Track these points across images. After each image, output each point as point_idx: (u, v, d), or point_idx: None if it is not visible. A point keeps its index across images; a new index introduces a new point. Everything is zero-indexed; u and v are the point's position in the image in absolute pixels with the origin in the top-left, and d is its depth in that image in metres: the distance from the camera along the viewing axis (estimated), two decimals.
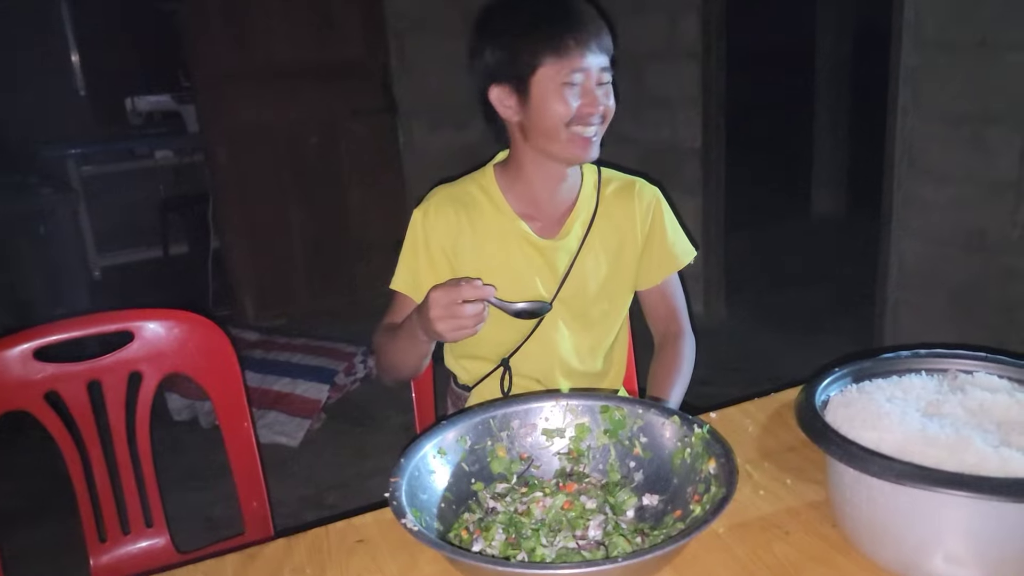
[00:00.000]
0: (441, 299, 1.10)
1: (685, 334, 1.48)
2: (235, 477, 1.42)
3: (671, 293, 1.50)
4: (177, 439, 2.99)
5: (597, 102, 1.29)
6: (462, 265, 1.38)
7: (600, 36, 1.28)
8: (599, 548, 0.83)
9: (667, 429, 0.98)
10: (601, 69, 1.29)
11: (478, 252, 1.38)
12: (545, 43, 1.26)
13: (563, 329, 1.42)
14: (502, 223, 1.39)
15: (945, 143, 2.56)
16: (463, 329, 1.11)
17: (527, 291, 1.38)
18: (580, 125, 1.29)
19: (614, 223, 1.43)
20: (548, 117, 1.29)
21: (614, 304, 1.46)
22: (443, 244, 1.37)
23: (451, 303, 1.09)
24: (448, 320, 1.10)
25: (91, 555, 1.38)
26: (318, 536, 0.95)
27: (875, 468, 0.76)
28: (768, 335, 3.74)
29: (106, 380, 1.35)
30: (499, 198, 1.40)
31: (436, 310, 1.10)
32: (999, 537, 0.73)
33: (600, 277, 1.42)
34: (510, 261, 1.38)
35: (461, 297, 1.08)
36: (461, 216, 1.38)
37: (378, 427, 3.04)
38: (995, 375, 0.94)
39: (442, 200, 1.39)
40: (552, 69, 1.27)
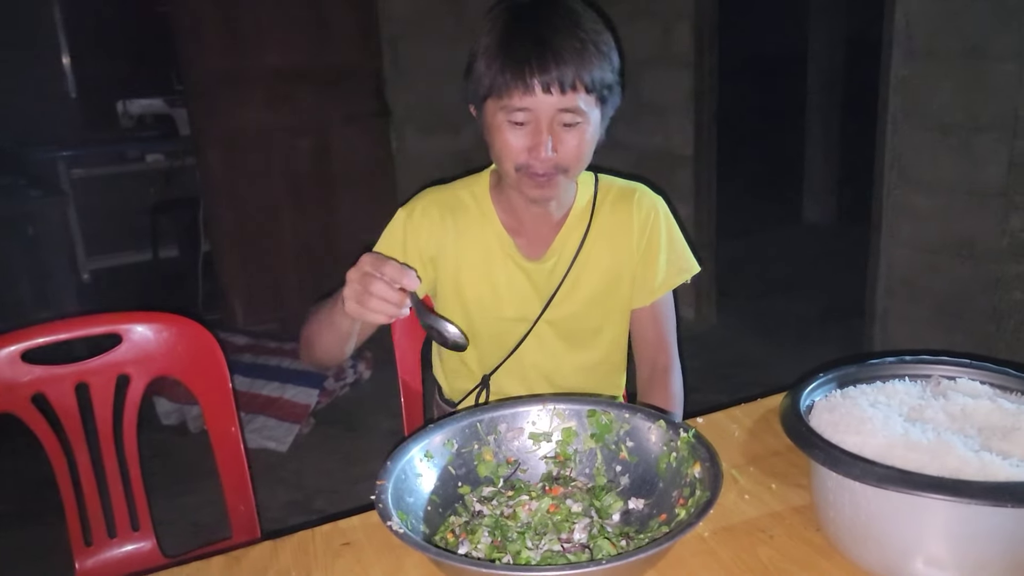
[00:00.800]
0: (364, 263, 1.01)
1: (674, 370, 1.37)
2: (222, 481, 1.42)
3: (662, 316, 1.39)
4: (164, 443, 2.98)
5: (542, 148, 1.16)
6: (441, 274, 1.33)
7: (565, 74, 1.13)
8: (584, 551, 0.84)
9: (653, 433, 0.98)
10: (561, 110, 1.15)
11: (460, 263, 1.32)
12: (494, 74, 1.16)
13: (550, 349, 1.37)
14: (488, 237, 1.33)
15: (934, 152, 2.58)
16: (368, 304, 1.00)
17: (508, 309, 1.34)
18: (527, 172, 1.20)
19: (609, 238, 1.34)
20: (495, 150, 1.22)
21: (609, 321, 1.38)
22: (422, 249, 1.32)
23: (370, 273, 0.99)
24: (358, 289, 1.00)
25: (76, 558, 1.37)
26: (304, 539, 0.95)
27: (857, 472, 0.76)
28: (757, 342, 3.76)
29: (94, 382, 1.35)
30: (489, 209, 1.33)
31: (353, 272, 1.01)
32: (979, 540, 0.73)
33: (592, 296, 1.35)
34: (492, 277, 1.33)
35: (382, 271, 0.99)
36: (447, 222, 1.32)
37: (367, 432, 3.03)
38: (977, 381, 0.95)
39: (429, 204, 1.33)
40: (494, 103, 1.18)
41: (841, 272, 3.98)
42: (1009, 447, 0.81)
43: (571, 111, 1.16)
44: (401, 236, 1.32)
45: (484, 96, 1.20)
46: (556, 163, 1.19)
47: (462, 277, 1.33)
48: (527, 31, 1.15)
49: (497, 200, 1.34)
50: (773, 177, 6.09)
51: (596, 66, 1.16)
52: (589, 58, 1.15)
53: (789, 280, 4.53)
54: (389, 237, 1.33)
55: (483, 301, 1.34)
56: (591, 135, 1.21)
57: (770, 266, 4.79)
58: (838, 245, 4.80)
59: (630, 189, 1.38)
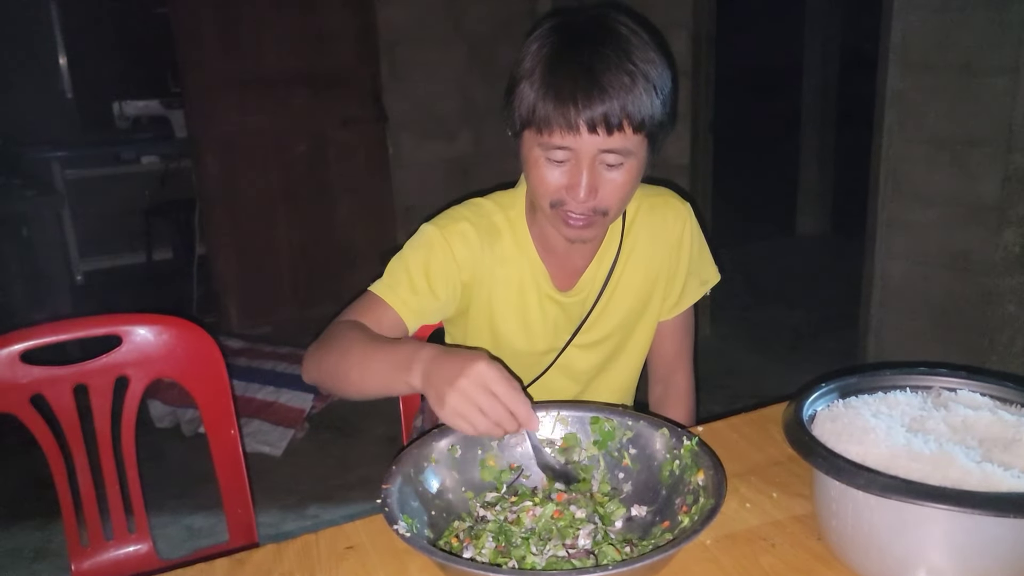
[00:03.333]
0: (485, 376, 0.88)
1: (689, 393, 1.34)
2: (220, 484, 1.41)
3: (682, 331, 1.36)
4: (158, 446, 2.97)
5: (579, 189, 1.07)
6: (474, 302, 1.25)
7: (612, 112, 1.03)
8: (588, 557, 0.84)
9: (656, 441, 0.99)
10: (605, 151, 1.06)
11: (493, 294, 1.25)
12: (534, 104, 1.06)
13: (578, 374, 1.33)
14: (523, 268, 1.24)
15: (929, 165, 2.60)
16: (468, 419, 0.89)
17: (540, 343, 1.29)
18: (562, 209, 1.11)
19: (642, 253, 1.29)
20: (531, 185, 1.15)
21: (638, 340, 1.33)
22: (460, 270, 1.22)
23: (489, 390, 0.88)
24: (466, 402, 0.89)
25: (72, 561, 1.36)
26: (308, 542, 0.95)
27: (861, 481, 0.77)
28: (752, 353, 3.77)
29: (93, 384, 1.34)
30: (525, 238, 1.24)
31: (466, 381, 0.88)
32: (981, 551, 0.74)
33: (623, 317, 1.30)
34: (526, 312, 1.26)
35: (507, 403, 0.89)
36: (485, 251, 1.22)
37: (362, 438, 3.03)
38: (978, 392, 0.96)
39: (468, 228, 1.22)
40: (532, 136, 1.09)
41: (835, 284, 4.00)
42: (1010, 459, 0.82)
43: (615, 152, 1.07)
44: (448, 249, 1.20)
45: (523, 126, 1.11)
46: (595, 206, 1.10)
47: (495, 309, 1.26)
48: (575, 61, 1.05)
49: (532, 228, 1.25)
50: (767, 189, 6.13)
51: (646, 103, 1.05)
52: (639, 94, 1.04)
53: (783, 292, 4.55)
54: (423, 254, 1.21)
55: (515, 335, 1.28)
56: (636, 175, 1.12)
57: (764, 277, 4.81)
58: (832, 257, 4.83)
59: (661, 199, 1.32)
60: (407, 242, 1.25)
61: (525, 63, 1.09)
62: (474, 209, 1.25)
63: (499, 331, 1.28)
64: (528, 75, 1.08)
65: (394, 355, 1.00)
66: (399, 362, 0.98)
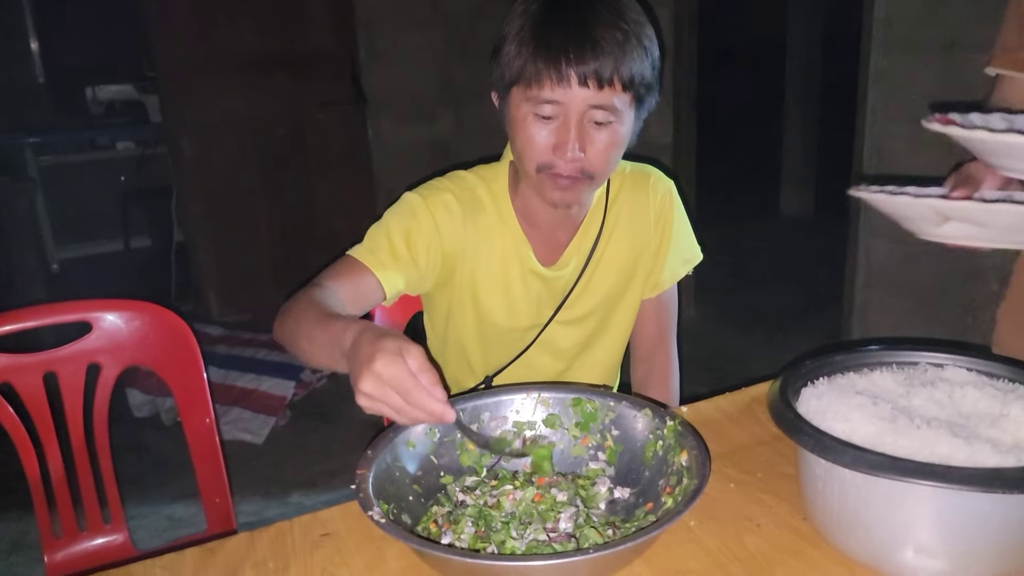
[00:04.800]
0: (388, 376, 0.80)
1: (672, 372, 1.34)
2: (197, 473, 1.38)
3: (666, 310, 1.35)
4: (137, 436, 2.93)
5: (567, 147, 1.07)
6: (457, 276, 1.24)
7: (604, 67, 1.03)
8: (570, 540, 0.82)
9: (639, 422, 0.97)
10: (594, 107, 1.06)
11: (476, 269, 1.23)
12: (525, 59, 1.06)
13: (561, 351, 1.32)
14: (506, 243, 1.23)
15: (913, 144, 2.59)
16: (378, 409, 0.83)
17: (523, 319, 1.28)
18: (549, 172, 1.10)
19: (625, 229, 1.28)
20: (517, 146, 1.13)
21: (621, 317, 1.33)
22: (443, 241, 1.20)
23: (393, 391, 0.80)
24: (375, 402, 0.82)
25: (45, 552, 1.33)
26: (282, 530, 0.93)
27: (847, 459, 0.75)
28: (736, 334, 3.77)
29: (63, 372, 1.31)
30: (508, 212, 1.23)
31: (376, 387, 0.80)
32: (968, 527, 0.73)
33: (606, 293, 1.29)
34: (509, 287, 1.25)
35: (412, 398, 0.80)
36: (468, 224, 1.21)
37: (344, 425, 3.00)
38: (964, 368, 0.95)
39: (451, 200, 1.20)
40: (521, 92, 1.08)
41: (819, 264, 4.00)
42: (998, 434, 0.80)
43: (604, 108, 1.06)
44: (430, 219, 1.18)
45: (510, 83, 1.09)
46: (582, 167, 1.09)
47: (478, 284, 1.24)
48: (566, 16, 1.05)
49: (515, 201, 1.24)
50: (751, 168, 6.12)
51: (637, 60, 1.06)
52: (630, 51, 1.05)
53: (767, 272, 4.55)
54: (404, 221, 1.19)
55: (498, 311, 1.26)
56: (623, 137, 1.12)
57: (748, 258, 4.81)
58: (816, 237, 4.83)
59: (644, 174, 1.32)
60: (388, 209, 1.23)
61: (514, 21, 1.09)
62: (457, 181, 1.24)
63: (481, 306, 1.26)
64: (517, 32, 1.08)
65: (331, 331, 0.93)
66: (334, 338, 0.92)
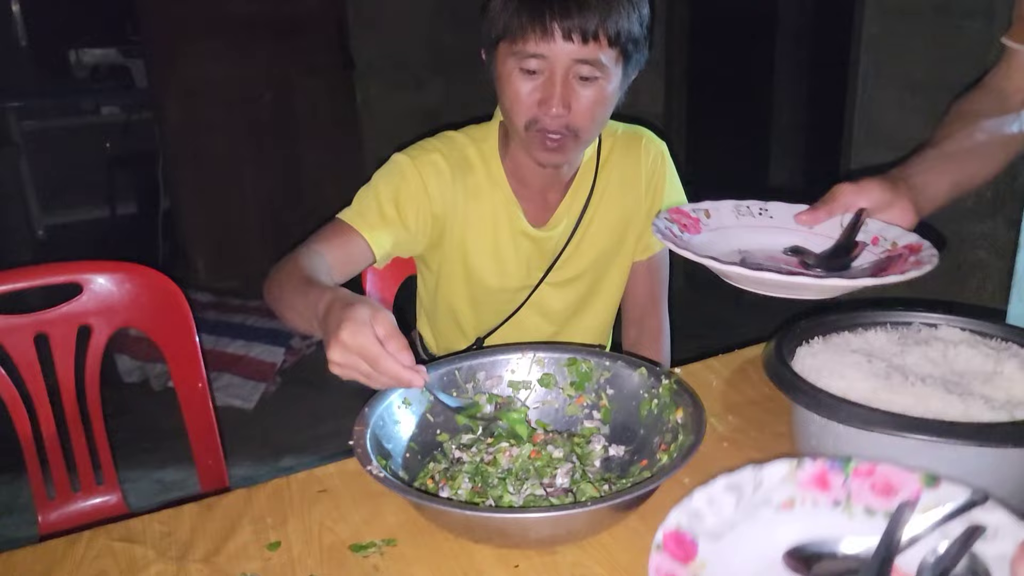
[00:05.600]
0: (355, 345, 0.79)
1: (663, 334, 1.34)
2: (190, 435, 1.38)
3: (657, 273, 1.36)
4: (127, 401, 2.92)
5: (552, 102, 1.07)
6: (447, 236, 1.24)
7: (588, 21, 1.04)
8: (567, 495, 0.83)
9: (634, 380, 0.97)
10: (579, 61, 1.06)
11: (466, 229, 1.24)
12: (509, 14, 1.06)
13: (552, 312, 1.32)
14: (496, 203, 1.24)
15: (903, 111, 2.59)
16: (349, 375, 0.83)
17: (513, 280, 1.28)
18: (536, 128, 1.11)
19: (617, 189, 1.28)
20: (505, 103, 1.13)
21: (612, 279, 1.33)
22: (432, 202, 1.20)
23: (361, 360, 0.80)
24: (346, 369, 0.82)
25: (39, 512, 1.33)
26: (279, 486, 0.93)
27: (843, 415, 0.76)
28: (726, 302, 3.78)
29: (54, 333, 1.30)
30: (498, 172, 1.23)
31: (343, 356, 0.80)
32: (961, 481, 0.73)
33: (597, 255, 1.30)
34: (499, 248, 1.25)
35: (379, 366, 0.80)
36: (458, 184, 1.21)
37: (334, 391, 2.97)
38: (957, 328, 0.95)
39: (439, 160, 1.20)
40: (507, 47, 1.08)
41: None
42: (991, 391, 0.81)
43: (590, 63, 1.06)
44: (419, 179, 1.18)
45: (497, 39, 1.09)
46: (568, 123, 1.10)
47: (468, 245, 1.25)
48: None
49: (505, 162, 1.24)
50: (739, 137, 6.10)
51: (623, 15, 1.06)
52: (617, 7, 1.05)
53: None
54: (399, 178, 1.18)
55: (488, 271, 1.27)
56: (609, 94, 1.12)
57: None
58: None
59: (636, 135, 1.31)
60: (377, 172, 1.22)
61: None
62: (446, 142, 1.24)
63: (472, 267, 1.26)
64: None
65: (308, 299, 0.92)
66: (310, 308, 0.91)
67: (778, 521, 0.66)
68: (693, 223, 1.02)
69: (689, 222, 1.01)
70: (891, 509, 0.64)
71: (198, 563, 0.81)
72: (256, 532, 0.85)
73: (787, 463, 0.67)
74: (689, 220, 1.02)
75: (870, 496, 0.65)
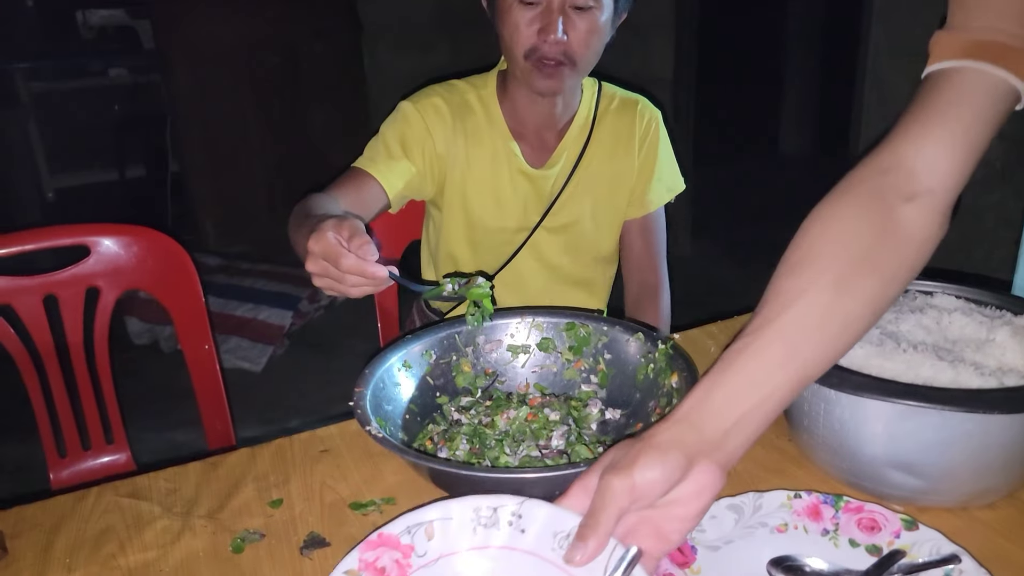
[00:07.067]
0: (318, 250, 0.84)
1: (663, 289, 1.39)
2: (197, 397, 1.41)
3: (653, 231, 1.40)
4: (137, 363, 2.96)
5: (552, 30, 1.15)
6: (448, 177, 1.30)
7: None
8: (562, 456, 0.84)
9: (631, 345, 0.99)
10: None
11: (467, 170, 1.30)
12: None
13: (547, 258, 1.37)
14: (495, 143, 1.31)
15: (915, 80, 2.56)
16: (343, 284, 0.86)
17: (511, 219, 1.34)
18: (535, 57, 1.18)
19: (610, 145, 1.35)
20: (504, 36, 1.20)
21: (606, 233, 1.39)
22: (435, 143, 1.27)
23: (328, 263, 0.84)
24: (322, 278, 0.86)
25: (51, 470, 1.36)
26: (282, 446, 0.95)
27: (833, 380, 0.77)
28: (732, 270, 3.78)
29: (63, 295, 1.32)
30: (496, 114, 1.31)
31: (313, 264, 0.85)
32: (949, 446, 0.75)
33: (592, 204, 1.35)
34: (497, 187, 1.32)
35: (341, 264, 0.82)
36: (457, 125, 1.29)
37: (341, 354, 3.03)
38: (952, 295, 0.96)
39: (440, 103, 1.29)
40: None
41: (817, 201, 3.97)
42: (982, 358, 0.82)
43: None
44: (421, 121, 1.27)
45: None
46: (565, 50, 1.18)
47: (468, 186, 1.31)
48: None
49: (504, 104, 1.32)
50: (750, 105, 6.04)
51: None
52: None
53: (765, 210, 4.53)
54: (404, 122, 1.27)
55: (486, 211, 1.33)
56: (602, 25, 1.19)
57: (746, 195, 4.79)
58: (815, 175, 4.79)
59: (632, 100, 1.39)
60: (384, 121, 1.30)
61: None
62: (447, 87, 1.33)
63: (471, 208, 1.32)
64: None
65: (303, 230, 0.94)
66: (305, 236, 0.90)
67: (771, 541, 0.74)
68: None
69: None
70: (873, 543, 0.72)
71: (202, 519, 0.83)
72: (259, 490, 0.87)
73: (785, 493, 0.77)
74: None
75: (856, 530, 0.73)
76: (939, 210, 0.67)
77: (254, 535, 0.80)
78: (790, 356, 0.62)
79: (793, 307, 0.63)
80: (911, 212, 0.66)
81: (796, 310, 0.63)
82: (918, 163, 0.67)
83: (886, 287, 0.65)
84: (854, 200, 0.69)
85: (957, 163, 0.66)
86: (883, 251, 0.65)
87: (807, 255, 0.66)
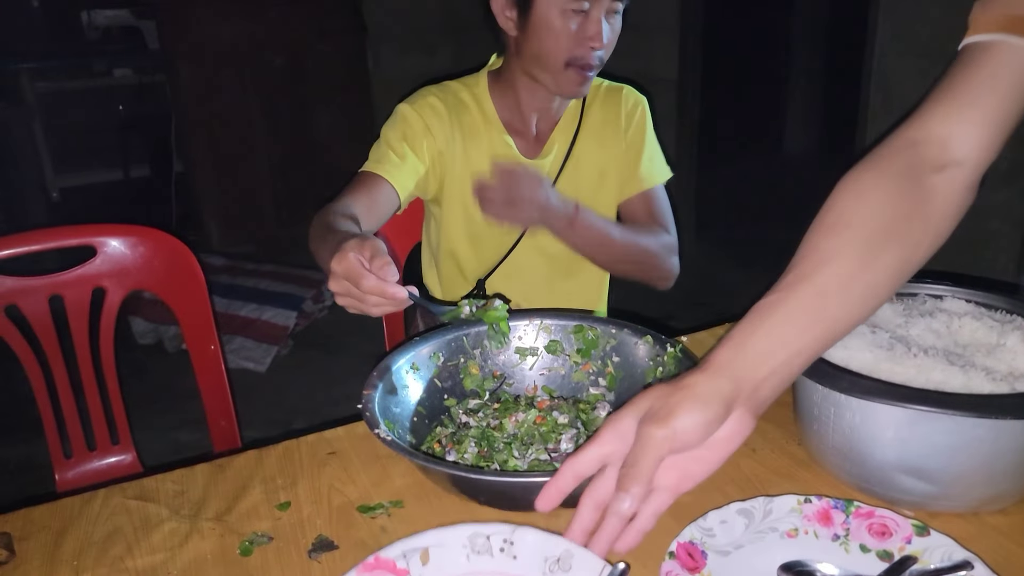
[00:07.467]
0: (340, 271, 0.85)
1: (670, 234, 1.38)
2: (203, 397, 1.41)
3: (655, 203, 1.41)
4: (142, 363, 2.96)
5: (601, 37, 1.20)
6: (448, 173, 1.33)
7: None
8: None
9: (639, 348, 0.98)
10: None
11: (465, 164, 1.34)
12: None
13: (546, 250, 1.39)
14: (490, 136, 1.35)
15: (921, 80, 2.55)
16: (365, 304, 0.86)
17: None
18: (578, 64, 1.22)
19: (599, 131, 1.38)
20: (545, 45, 1.22)
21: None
22: (434, 140, 1.30)
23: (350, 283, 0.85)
24: (344, 297, 0.87)
25: (56, 471, 1.36)
26: (289, 448, 0.95)
27: (844, 384, 0.77)
28: (736, 271, 3.78)
29: (68, 295, 1.32)
30: (490, 110, 1.35)
31: (335, 284, 0.86)
32: (959, 452, 0.74)
33: (585, 191, 1.37)
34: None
35: (362, 285, 0.83)
36: (453, 122, 1.32)
37: (345, 355, 3.03)
38: (963, 299, 0.96)
39: (435, 101, 1.32)
40: None
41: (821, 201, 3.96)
42: (993, 363, 0.82)
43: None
44: (420, 121, 1.30)
45: None
46: (602, 55, 1.23)
47: (466, 181, 1.33)
48: None
49: (497, 101, 1.36)
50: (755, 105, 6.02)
51: None
52: None
53: (769, 209, 4.52)
54: (400, 128, 1.30)
55: None
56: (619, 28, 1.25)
57: (750, 195, 4.78)
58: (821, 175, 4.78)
59: (617, 87, 1.43)
60: (383, 126, 1.32)
61: None
62: (440, 87, 1.37)
63: (470, 201, 1.32)
64: None
65: (332, 244, 0.93)
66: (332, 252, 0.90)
67: (781, 546, 0.73)
68: None
69: None
70: (884, 548, 0.71)
71: (210, 522, 0.83)
72: (267, 492, 0.87)
73: (795, 498, 0.76)
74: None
75: (866, 535, 0.73)
76: (967, 182, 0.70)
77: (262, 538, 0.80)
78: (820, 315, 0.66)
79: (826, 267, 0.66)
80: (940, 183, 0.69)
81: (829, 270, 0.66)
82: (949, 135, 0.69)
83: (912, 255, 0.69)
84: (887, 169, 0.71)
85: (987, 136, 0.69)
86: (912, 221, 0.68)
87: (840, 219, 0.69)
